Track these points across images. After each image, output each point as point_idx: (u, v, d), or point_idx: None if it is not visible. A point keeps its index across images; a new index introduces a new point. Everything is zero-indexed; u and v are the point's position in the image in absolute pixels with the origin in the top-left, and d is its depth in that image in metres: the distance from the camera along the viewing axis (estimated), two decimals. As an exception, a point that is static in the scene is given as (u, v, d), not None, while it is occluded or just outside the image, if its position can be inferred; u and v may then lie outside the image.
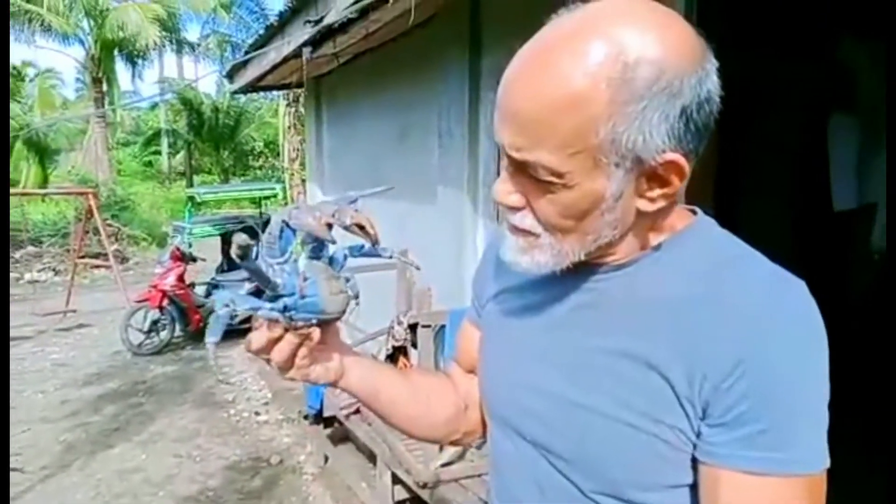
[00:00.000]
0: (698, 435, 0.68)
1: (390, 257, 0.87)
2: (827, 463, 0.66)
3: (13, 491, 3.83)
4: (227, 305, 0.75)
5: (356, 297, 0.84)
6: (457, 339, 1.05)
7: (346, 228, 0.75)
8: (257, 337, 0.79)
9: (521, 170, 0.68)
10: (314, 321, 0.79)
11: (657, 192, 0.68)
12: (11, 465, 4.19)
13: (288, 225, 0.76)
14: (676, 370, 0.68)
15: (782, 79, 3.58)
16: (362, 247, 0.83)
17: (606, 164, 0.64)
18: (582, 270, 0.76)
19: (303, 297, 0.76)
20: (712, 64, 0.65)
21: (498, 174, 0.76)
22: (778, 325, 0.65)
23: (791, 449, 0.65)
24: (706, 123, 0.65)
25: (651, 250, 0.74)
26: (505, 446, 0.87)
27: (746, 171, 3.73)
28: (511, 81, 0.66)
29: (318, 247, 0.79)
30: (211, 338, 0.78)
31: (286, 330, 0.78)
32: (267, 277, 0.75)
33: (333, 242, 0.79)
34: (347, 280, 0.82)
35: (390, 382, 0.93)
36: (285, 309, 0.76)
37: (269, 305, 0.76)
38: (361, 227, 0.75)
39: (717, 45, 0.66)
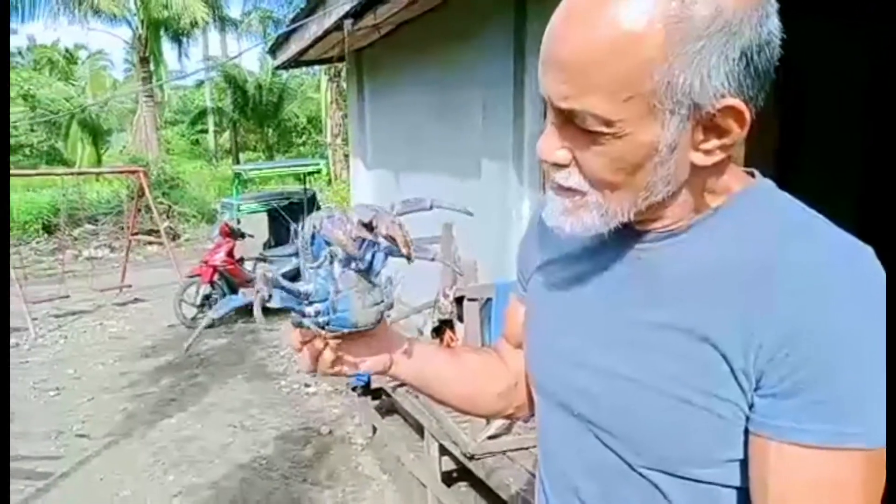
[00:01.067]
0: (751, 407, 0.65)
1: (432, 259, 0.83)
2: (883, 440, 0.61)
3: (80, 456, 4.03)
4: (259, 292, 0.73)
5: (390, 306, 0.80)
6: (504, 314, 1.03)
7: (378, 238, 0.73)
8: (288, 336, 0.80)
9: (568, 122, 0.64)
10: (345, 331, 0.78)
11: (714, 142, 0.63)
12: (78, 431, 4.41)
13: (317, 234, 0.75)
14: (732, 343, 0.64)
15: (849, 50, 3.40)
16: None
17: (661, 110, 0.60)
18: (630, 237, 0.73)
19: (334, 309, 0.75)
20: (773, 6, 0.61)
21: None
22: (842, 294, 0.61)
23: (847, 422, 0.60)
24: (766, 69, 0.61)
25: (705, 216, 0.70)
26: (552, 421, 0.86)
27: (808, 146, 3.57)
28: (558, 27, 0.62)
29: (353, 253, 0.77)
30: (217, 312, 0.78)
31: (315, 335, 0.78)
32: (297, 290, 0.74)
33: (361, 260, 0.76)
34: (384, 287, 0.79)
35: (440, 365, 0.93)
36: (317, 314, 0.75)
37: (301, 309, 0.75)
38: (394, 240, 0.72)
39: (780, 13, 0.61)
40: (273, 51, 6.02)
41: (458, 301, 3.40)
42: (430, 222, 4.19)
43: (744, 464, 0.68)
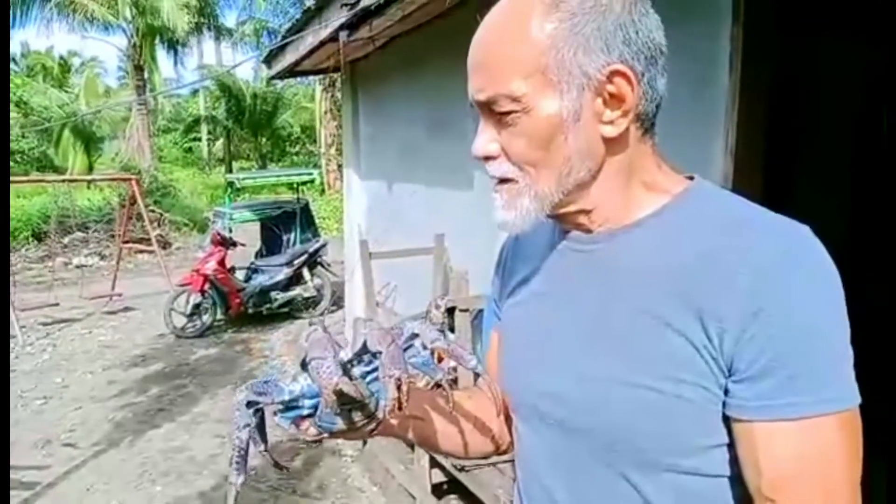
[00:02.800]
0: (727, 392, 0.68)
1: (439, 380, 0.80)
2: (858, 399, 0.66)
3: (68, 465, 3.99)
4: (247, 425, 0.74)
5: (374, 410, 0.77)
6: (486, 354, 1.03)
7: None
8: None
9: (490, 114, 0.74)
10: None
11: (616, 112, 0.71)
12: (65, 441, 4.37)
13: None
14: (694, 325, 0.68)
15: (839, 64, 3.44)
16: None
17: (556, 81, 0.69)
18: (584, 242, 0.80)
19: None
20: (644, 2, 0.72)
21: None
22: (792, 272, 0.66)
23: (821, 389, 0.65)
24: (646, 43, 0.71)
25: (654, 212, 0.76)
26: (531, 440, 0.86)
27: (799, 159, 3.60)
28: (472, 47, 0.75)
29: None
30: (233, 477, 0.74)
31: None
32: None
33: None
34: (374, 389, 0.76)
35: (433, 422, 0.92)
36: (314, 409, 0.75)
37: (290, 414, 0.77)
38: (440, 359, 0.74)
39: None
40: (268, 61, 6.04)
41: (450, 312, 3.41)
42: (423, 233, 4.20)
43: (722, 450, 0.71)
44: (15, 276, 8.93)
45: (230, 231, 8.21)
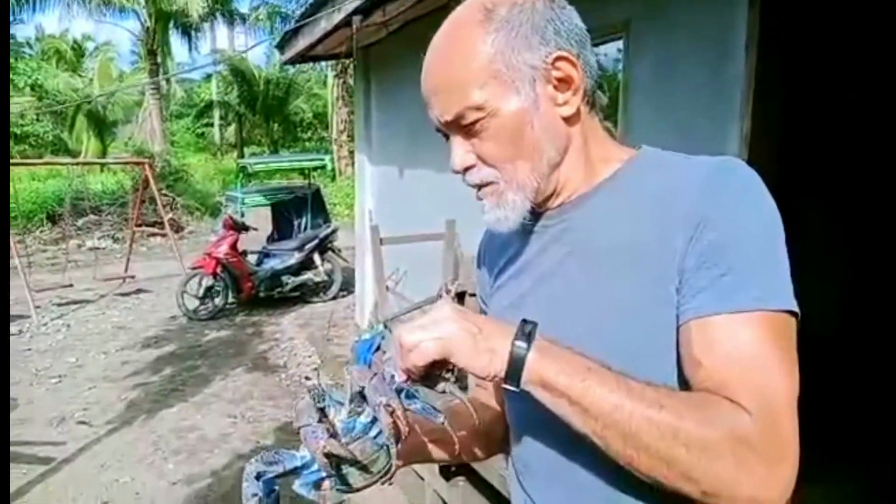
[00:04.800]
0: (677, 308, 0.74)
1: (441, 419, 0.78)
2: (792, 306, 0.70)
3: (82, 442, 4.06)
4: (255, 495, 0.75)
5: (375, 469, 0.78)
6: None
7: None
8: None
9: (457, 129, 0.81)
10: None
11: (568, 93, 0.79)
12: (79, 419, 4.44)
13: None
14: (660, 262, 0.75)
15: (857, 50, 3.40)
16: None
17: (510, 81, 0.77)
18: (551, 217, 0.87)
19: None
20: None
21: None
22: (725, 188, 0.74)
23: (752, 288, 0.70)
24: (572, 30, 0.80)
25: (607, 178, 0.84)
26: (522, 407, 0.86)
27: (817, 148, 3.57)
28: (423, 74, 0.83)
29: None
30: None
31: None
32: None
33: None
34: (380, 445, 0.77)
35: (433, 449, 0.97)
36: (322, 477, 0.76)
37: (301, 481, 0.77)
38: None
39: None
40: (281, 46, 6.05)
41: (460, 297, 3.43)
42: (434, 219, 4.21)
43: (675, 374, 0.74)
44: (30, 257, 9.03)
45: (242, 215, 8.27)
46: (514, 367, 0.70)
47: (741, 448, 0.64)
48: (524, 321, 0.72)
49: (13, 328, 6.52)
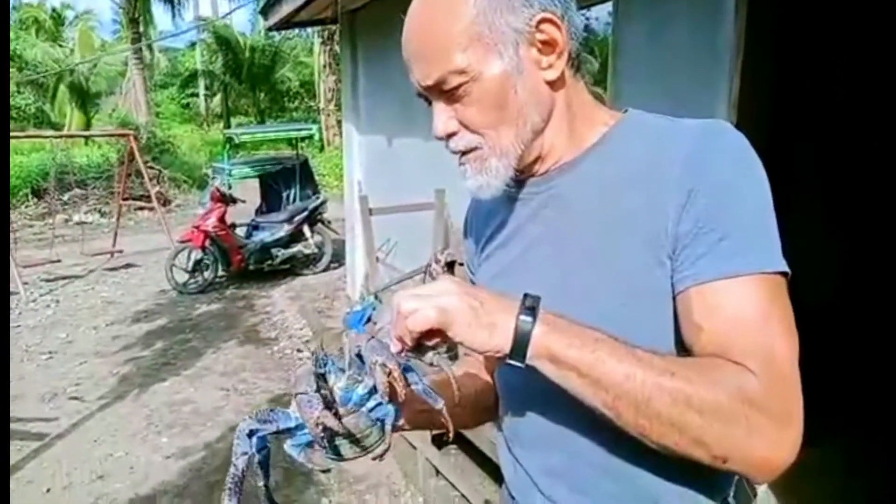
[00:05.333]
0: (672, 277, 0.73)
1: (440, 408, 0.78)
2: (785, 267, 0.71)
3: (75, 418, 4.06)
4: (245, 454, 0.74)
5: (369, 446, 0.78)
6: None
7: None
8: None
9: (439, 94, 0.79)
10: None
11: (552, 57, 0.78)
12: (72, 394, 4.44)
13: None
14: (652, 227, 0.74)
15: (849, 13, 3.35)
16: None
17: (493, 45, 0.75)
18: (538, 184, 0.85)
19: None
20: None
21: None
22: (714, 153, 0.74)
23: (747, 252, 0.70)
24: None
25: (594, 144, 0.83)
26: (514, 377, 0.86)
27: (806, 112, 3.54)
28: (403, 37, 0.81)
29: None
30: (228, 502, 0.73)
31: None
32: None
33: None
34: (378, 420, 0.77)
35: (421, 419, 0.93)
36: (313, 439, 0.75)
37: (292, 442, 0.77)
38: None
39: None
40: (265, 11, 5.91)
41: (450, 266, 3.42)
42: (423, 188, 4.17)
43: (666, 337, 0.75)
44: (15, 233, 8.93)
45: (230, 187, 8.18)
46: (520, 343, 0.68)
47: (752, 410, 0.65)
48: (526, 295, 0.70)
49: (1, 305, 6.47)
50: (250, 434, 0.75)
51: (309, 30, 21.35)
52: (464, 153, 0.82)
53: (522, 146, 0.80)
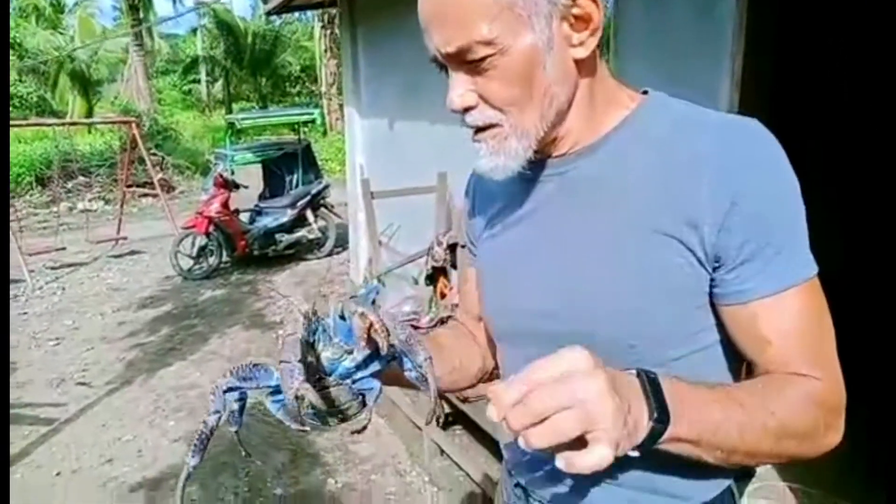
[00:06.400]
0: (714, 283, 0.73)
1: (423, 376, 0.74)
2: (816, 266, 0.75)
3: (82, 403, 4.11)
4: (217, 412, 0.73)
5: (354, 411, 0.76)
6: (459, 287, 1.08)
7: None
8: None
9: (461, 64, 0.72)
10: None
11: (584, 33, 0.72)
12: (79, 380, 4.48)
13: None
14: (674, 226, 0.72)
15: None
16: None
17: (526, 16, 0.69)
18: (554, 165, 0.82)
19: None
20: None
21: None
22: (759, 161, 0.72)
23: (797, 262, 0.73)
24: None
25: (614, 128, 0.79)
26: (519, 362, 0.87)
27: (810, 91, 3.51)
28: None
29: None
30: (189, 458, 0.72)
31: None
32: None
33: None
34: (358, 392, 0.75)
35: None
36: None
37: (273, 399, 0.74)
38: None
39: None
40: (263, -5, 5.87)
41: (452, 248, 3.42)
42: (425, 172, 4.16)
43: (703, 334, 0.77)
44: (20, 221, 8.97)
45: (232, 173, 8.17)
46: (650, 440, 0.63)
47: (824, 412, 0.72)
48: (643, 374, 0.64)
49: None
50: (228, 390, 0.73)
51: (309, 14, 21.19)
52: (480, 129, 0.77)
53: (546, 128, 0.75)
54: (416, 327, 0.91)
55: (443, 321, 3.70)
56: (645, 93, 0.82)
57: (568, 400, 0.56)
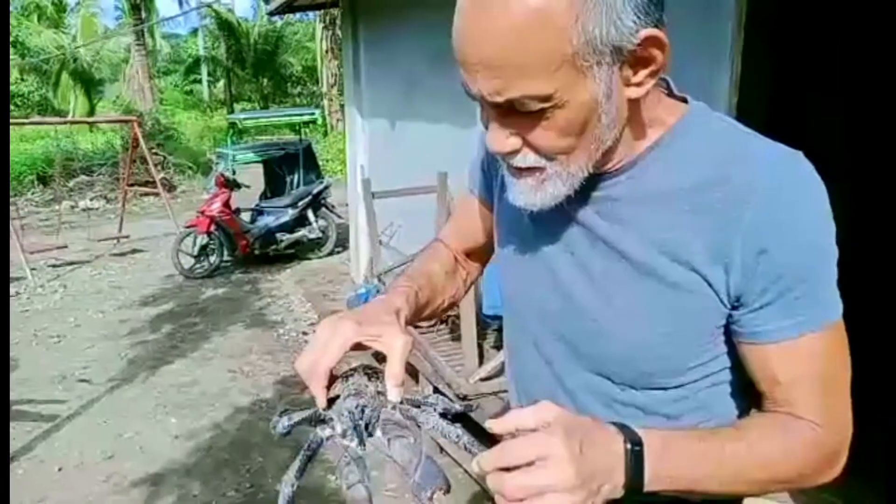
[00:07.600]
0: (733, 319, 0.73)
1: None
2: (841, 309, 0.73)
3: (84, 400, 4.13)
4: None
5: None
6: (456, 214, 1.12)
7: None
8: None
9: (508, 111, 0.66)
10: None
11: (642, 74, 0.66)
12: (81, 377, 4.50)
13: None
14: (700, 257, 0.70)
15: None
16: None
17: (588, 66, 0.62)
18: (586, 183, 0.74)
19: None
20: None
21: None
22: (792, 206, 0.68)
23: (821, 305, 0.71)
24: None
25: (651, 146, 0.74)
26: (534, 365, 0.91)
27: (809, 92, 3.53)
28: (466, 30, 0.64)
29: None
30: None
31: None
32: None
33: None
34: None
35: (425, 305, 0.96)
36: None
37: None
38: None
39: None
40: (266, -4, 5.89)
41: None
42: (426, 172, 4.19)
43: (712, 363, 0.77)
44: (22, 219, 8.99)
45: (234, 173, 8.20)
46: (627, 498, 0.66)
47: (824, 458, 0.74)
48: (630, 444, 0.64)
49: (10, 290, 6.53)
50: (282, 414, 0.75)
51: (311, 14, 21.22)
52: (521, 169, 0.72)
53: (591, 168, 0.71)
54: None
55: (443, 321, 3.72)
56: (684, 100, 0.77)
57: (535, 489, 0.60)
